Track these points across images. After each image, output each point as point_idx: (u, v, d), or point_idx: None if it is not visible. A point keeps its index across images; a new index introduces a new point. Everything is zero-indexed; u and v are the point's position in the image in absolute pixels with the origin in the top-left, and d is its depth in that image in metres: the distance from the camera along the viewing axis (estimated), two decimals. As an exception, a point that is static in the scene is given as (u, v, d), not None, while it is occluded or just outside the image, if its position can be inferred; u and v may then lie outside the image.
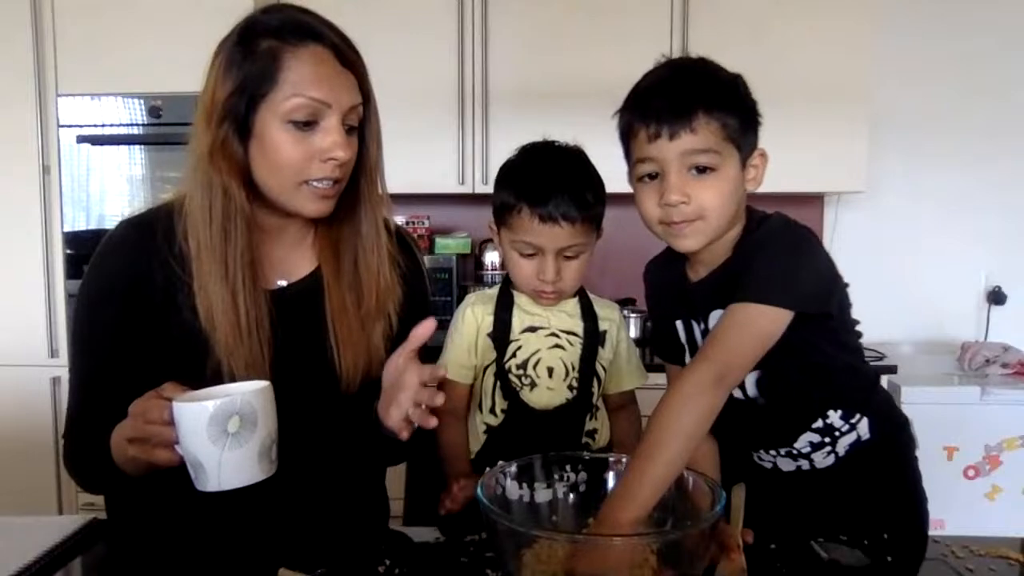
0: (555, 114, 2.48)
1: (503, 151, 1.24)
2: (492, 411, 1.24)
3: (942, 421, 2.25)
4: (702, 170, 0.96)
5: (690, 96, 0.95)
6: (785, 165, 0.98)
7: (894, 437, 1.14)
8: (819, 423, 1.08)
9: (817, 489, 1.13)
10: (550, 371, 1.22)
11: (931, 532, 1.07)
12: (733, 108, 0.96)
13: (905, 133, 2.83)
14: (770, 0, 2.51)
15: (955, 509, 2.26)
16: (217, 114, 0.97)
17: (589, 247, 1.20)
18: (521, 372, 1.22)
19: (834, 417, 1.08)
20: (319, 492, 1.09)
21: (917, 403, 2.16)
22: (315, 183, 0.99)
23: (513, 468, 0.92)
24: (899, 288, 2.81)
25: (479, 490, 0.83)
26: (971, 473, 2.34)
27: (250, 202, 1.00)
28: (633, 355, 1.31)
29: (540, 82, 2.56)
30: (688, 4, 2.52)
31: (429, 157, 2.58)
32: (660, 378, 1.17)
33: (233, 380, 0.98)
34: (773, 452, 1.13)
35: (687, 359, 1.11)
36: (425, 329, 0.96)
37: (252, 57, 0.96)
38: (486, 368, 1.24)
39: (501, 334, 1.23)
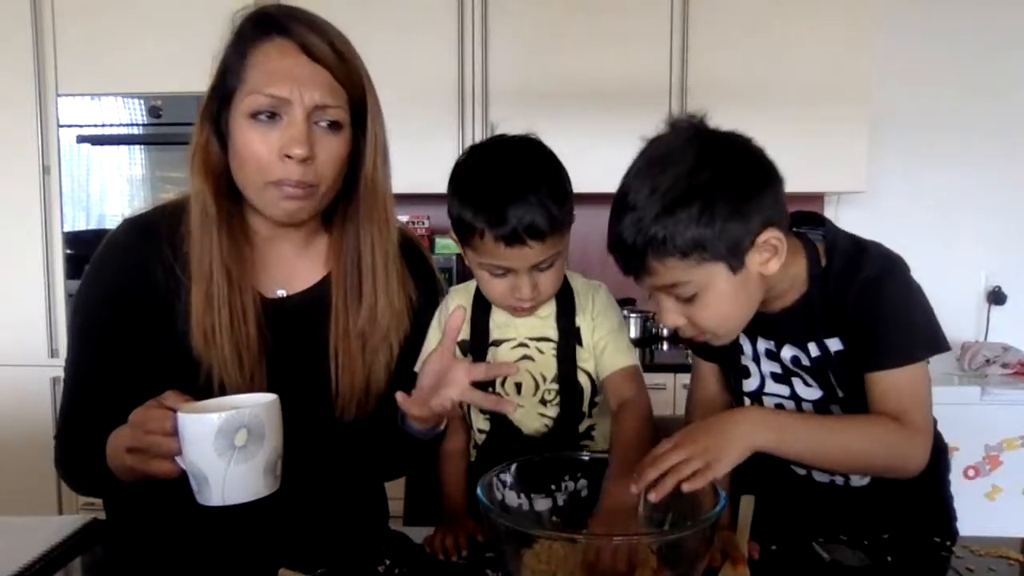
0: (555, 114, 2.49)
1: (503, 151, 1.22)
2: (484, 415, 1.15)
3: (942, 421, 2.19)
4: (684, 298, 0.91)
5: (635, 245, 0.88)
6: (785, 165, 0.97)
7: (933, 462, 1.10)
8: None
9: (845, 503, 1.10)
10: (518, 387, 1.11)
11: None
12: (690, 229, 0.86)
13: (905, 133, 2.83)
14: (770, 0, 2.52)
15: (955, 509, 2.26)
16: (203, 116, 0.98)
17: (564, 251, 1.07)
18: (491, 390, 1.11)
19: None
20: (319, 494, 1.09)
21: (917, 403, 2.16)
22: (278, 185, 0.95)
23: (512, 473, 0.91)
24: (899, 288, 2.80)
25: (479, 490, 0.83)
26: (971, 473, 2.34)
27: (219, 208, 0.99)
28: (622, 335, 1.14)
29: (540, 82, 2.55)
30: (688, 4, 2.52)
31: (429, 157, 2.55)
32: (657, 378, 1.15)
33: (222, 385, 0.98)
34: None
35: (747, 371, 1.08)
36: (456, 320, 0.95)
37: (229, 58, 0.96)
38: None
39: (478, 343, 1.11)
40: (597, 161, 1.20)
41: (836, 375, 1.00)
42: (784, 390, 1.05)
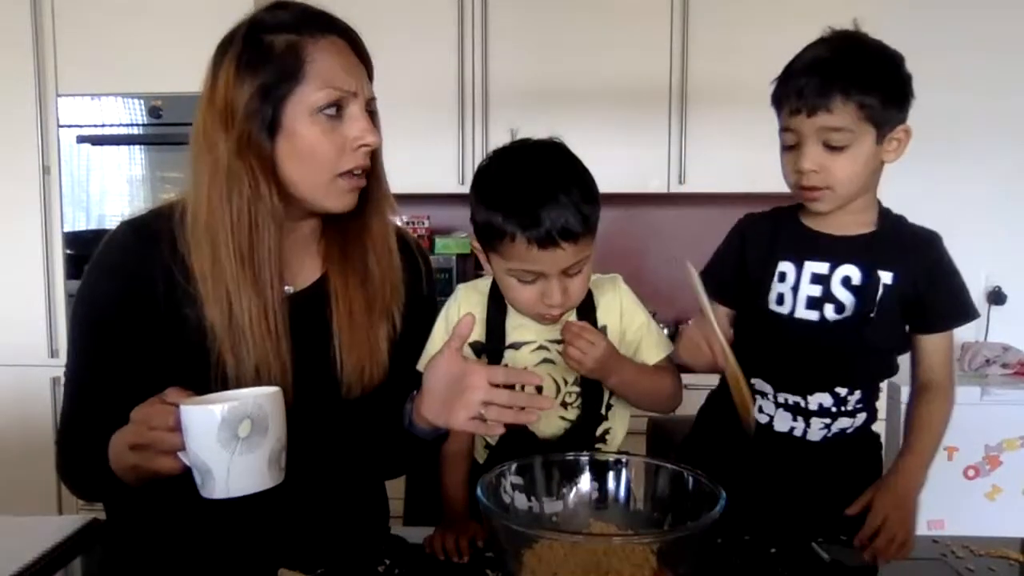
0: (555, 114, 2.49)
1: (503, 152, 1.22)
2: None
3: (942, 421, 2.25)
4: (835, 146, 1.05)
5: (833, 78, 1.04)
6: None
7: (871, 444, 1.21)
8: (843, 390, 1.14)
9: (802, 454, 1.17)
10: (539, 391, 1.08)
11: (931, 532, 1.08)
12: (875, 88, 1.04)
13: (905, 133, 2.83)
14: (770, 0, 2.52)
15: (955, 509, 2.26)
16: (238, 117, 0.95)
17: (592, 254, 1.05)
18: None
19: (856, 395, 1.15)
20: (319, 493, 1.09)
21: (917, 403, 2.16)
22: (347, 175, 0.99)
23: (513, 473, 0.90)
24: (899, 288, 2.81)
25: (479, 490, 0.83)
26: (971, 473, 2.34)
27: (281, 202, 0.98)
28: (652, 328, 1.14)
29: (540, 82, 2.55)
30: (688, 4, 2.52)
31: (429, 157, 2.58)
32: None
33: (234, 385, 0.97)
34: (783, 398, 1.15)
35: (781, 297, 1.15)
36: (465, 327, 0.94)
37: (271, 55, 0.95)
38: None
39: (494, 345, 1.10)
40: (599, 161, 1.19)
41: (878, 298, 1.12)
42: (814, 315, 1.13)
